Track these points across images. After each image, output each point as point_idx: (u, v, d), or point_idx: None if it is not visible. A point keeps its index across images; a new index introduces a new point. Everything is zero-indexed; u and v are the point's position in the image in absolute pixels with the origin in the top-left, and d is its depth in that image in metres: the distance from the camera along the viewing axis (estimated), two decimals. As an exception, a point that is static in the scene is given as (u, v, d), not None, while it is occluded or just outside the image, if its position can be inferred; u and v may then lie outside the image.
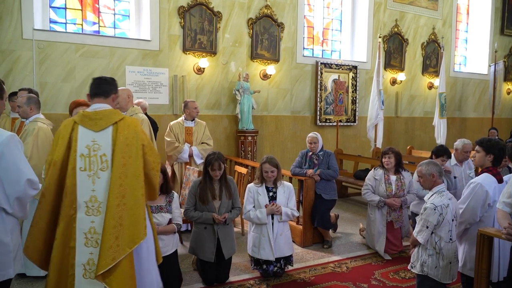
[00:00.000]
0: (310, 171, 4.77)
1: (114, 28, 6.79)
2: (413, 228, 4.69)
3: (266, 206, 3.79)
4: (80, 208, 2.38)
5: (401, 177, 4.49)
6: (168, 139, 5.24)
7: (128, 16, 6.87)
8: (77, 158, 2.39)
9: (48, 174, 2.42)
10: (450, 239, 2.97)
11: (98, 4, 6.65)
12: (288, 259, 3.91)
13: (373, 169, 4.68)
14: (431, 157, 4.62)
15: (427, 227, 2.95)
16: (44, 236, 2.41)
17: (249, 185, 3.98)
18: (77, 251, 2.36)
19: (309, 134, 4.95)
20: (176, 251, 3.53)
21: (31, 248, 2.42)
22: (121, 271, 2.35)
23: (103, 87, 2.55)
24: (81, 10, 6.52)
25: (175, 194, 3.59)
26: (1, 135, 2.18)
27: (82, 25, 6.52)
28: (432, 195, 3.06)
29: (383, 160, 4.50)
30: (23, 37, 5.76)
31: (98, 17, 6.67)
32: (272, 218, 3.81)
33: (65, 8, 6.39)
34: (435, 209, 2.92)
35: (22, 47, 5.76)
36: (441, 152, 4.53)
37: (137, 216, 2.41)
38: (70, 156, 2.40)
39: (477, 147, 3.22)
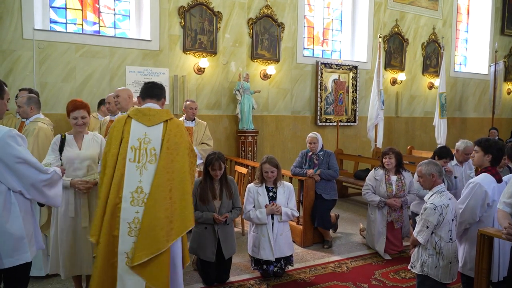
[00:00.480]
0: (310, 171, 4.77)
1: (115, 28, 6.79)
2: (414, 228, 4.71)
3: (266, 206, 3.79)
4: (126, 198, 2.47)
5: (402, 177, 4.49)
6: None
7: (129, 16, 6.87)
8: (128, 150, 2.53)
9: (106, 165, 2.55)
10: (450, 239, 2.97)
11: (98, 4, 6.65)
12: (288, 259, 3.91)
13: (373, 169, 4.68)
14: (433, 158, 4.58)
15: (427, 227, 2.95)
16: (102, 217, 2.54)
17: (249, 185, 3.98)
18: (120, 240, 2.44)
19: (309, 134, 4.95)
20: None
21: (94, 232, 2.54)
22: (159, 264, 2.44)
23: (156, 91, 2.76)
24: (81, 10, 6.52)
25: None
26: (1, 131, 2.22)
27: (82, 25, 6.52)
28: (432, 195, 3.06)
29: (384, 160, 4.49)
30: (24, 37, 5.76)
31: (99, 17, 6.67)
32: (272, 218, 3.81)
33: (65, 8, 6.40)
34: (435, 209, 2.92)
35: (22, 47, 5.77)
36: (444, 154, 4.44)
37: (184, 209, 2.54)
38: (122, 147, 2.54)
39: (475, 147, 3.23)
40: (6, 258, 2.22)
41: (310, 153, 4.92)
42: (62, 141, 3.10)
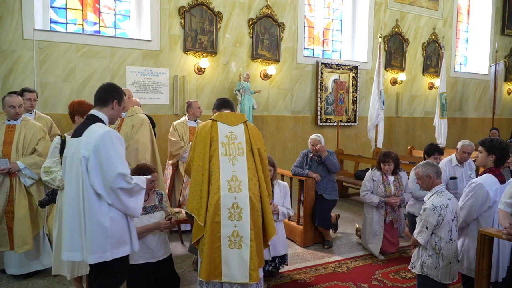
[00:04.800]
0: (316, 175, 4.74)
1: (115, 28, 6.79)
2: (409, 227, 4.73)
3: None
4: (223, 186, 2.83)
5: (399, 177, 4.52)
6: (173, 139, 5.21)
7: (129, 16, 6.87)
8: (219, 146, 2.94)
9: (203, 162, 2.93)
10: (450, 239, 2.96)
11: (99, 4, 6.65)
12: (283, 258, 3.90)
13: (370, 170, 4.67)
14: (424, 158, 4.65)
15: (427, 228, 2.95)
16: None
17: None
18: (222, 224, 2.78)
19: (312, 137, 4.89)
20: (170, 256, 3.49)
21: (202, 220, 2.87)
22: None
23: (230, 103, 3.29)
24: (82, 10, 6.52)
25: (162, 191, 3.56)
26: (98, 131, 2.44)
27: (82, 25, 6.52)
28: (432, 195, 3.06)
29: (383, 167, 4.49)
30: (24, 37, 5.76)
31: (99, 17, 6.68)
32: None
33: (66, 8, 6.40)
34: (434, 210, 2.92)
35: (22, 47, 5.77)
36: (432, 150, 4.59)
37: (269, 186, 3.16)
38: (213, 145, 2.95)
39: (479, 147, 3.21)
40: (90, 254, 2.39)
41: (311, 154, 4.91)
42: (63, 143, 3.09)
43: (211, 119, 3.09)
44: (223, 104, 3.27)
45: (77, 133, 2.51)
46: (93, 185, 2.39)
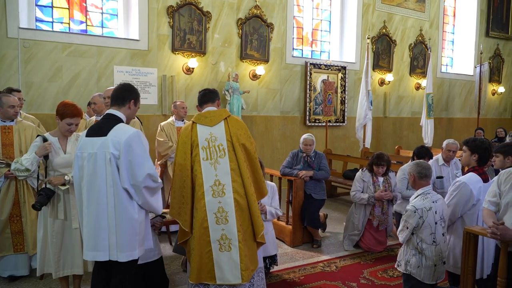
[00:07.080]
0: (302, 173, 4.75)
1: (102, 27, 6.71)
2: (397, 227, 4.80)
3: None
4: (207, 192, 2.80)
5: (388, 178, 4.58)
6: (161, 139, 5.19)
7: (116, 15, 6.81)
8: (200, 151, 2.86)
9: (184, 168, 2.86)
10: (434, 241, 2.97)
11: (86, 3, 6.57)
12: (273, 258, 3.91)
13: (360, 170, 4.73)
14: (412, 158, 4.66)
15: (407, 228, 3.00)
16: (192, 212, 2.90)
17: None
18: (210, 229, 2.77)
19: (305, 137, 4.89)
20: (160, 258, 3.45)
21: (187, 226, 2.85)
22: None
23: (210, 95, 3.11)
24: (68, 8, 6.43)
25: None
26: (128, 131, 2.49)
27: (69, 24, 6.44)
28: (417, 197, 3.09)
29: (377, 169, 4.54)
30: (8, 35, 5.65)
31: (86, 16, 6.59)
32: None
33: (52, 7, 6.30)
34: (415, 212, 2.96)
35: (7, 46, 5.66)
36: (423, 154, 4.53)
37: (261, 182, 3.03)
38: (194, 150, 2.88)
39: (463, 147, 3.28)
40: (121, 252, 2.44)
41: (304, 155, 4.91)
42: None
43: (191, 120, 3.01)
44: (204, 97, 3.11)
45: (99, 133, 2.50)
46: (122, 180, 2.44)
